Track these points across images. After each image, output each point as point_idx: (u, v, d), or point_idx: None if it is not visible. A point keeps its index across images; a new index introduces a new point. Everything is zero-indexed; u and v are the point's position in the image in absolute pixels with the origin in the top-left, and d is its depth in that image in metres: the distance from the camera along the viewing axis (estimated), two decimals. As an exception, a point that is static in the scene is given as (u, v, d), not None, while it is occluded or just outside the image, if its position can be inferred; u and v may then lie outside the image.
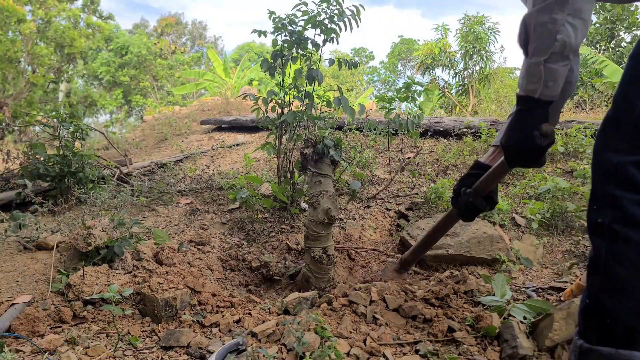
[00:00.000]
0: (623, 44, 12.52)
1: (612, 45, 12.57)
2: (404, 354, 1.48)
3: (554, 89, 1.21)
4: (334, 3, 2.71)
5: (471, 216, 1.62)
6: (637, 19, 12.22)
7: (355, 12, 2.75)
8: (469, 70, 11.63)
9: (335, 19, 2.75)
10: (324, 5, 2.72)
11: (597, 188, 1.08)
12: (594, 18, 12.80)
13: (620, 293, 1.00)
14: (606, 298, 1.01)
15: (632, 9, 12.17)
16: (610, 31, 12.41)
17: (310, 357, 1.35)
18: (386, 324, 1.64)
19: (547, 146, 1.26)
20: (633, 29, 12.37)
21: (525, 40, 1.22)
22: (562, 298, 1.83)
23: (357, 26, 2.81)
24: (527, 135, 1.25)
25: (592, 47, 12.40)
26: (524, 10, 1.54)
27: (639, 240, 0.99)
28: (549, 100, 1.23)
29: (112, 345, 1.51)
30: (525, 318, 1.57)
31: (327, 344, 1.40)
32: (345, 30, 2.79)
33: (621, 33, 12.60)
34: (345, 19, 2.75)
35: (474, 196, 1.55)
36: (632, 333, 0.98)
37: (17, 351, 1.47)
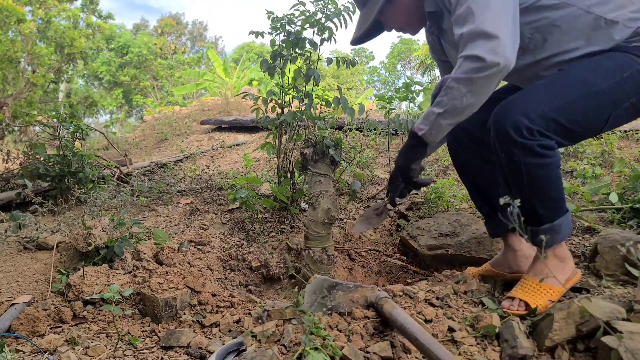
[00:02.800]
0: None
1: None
2: (404, 354, 1.48)
3: (435, 137, 1.56)
4: (329, 2, 2.71)
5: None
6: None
7: (351, 9, 2.74)
8: (469, 70, 11.62)
9: (331, 16, 2.74)
10: (321, 4, 2.72)
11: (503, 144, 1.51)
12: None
13: (541, 194, 1.52)
14: (535, 201, 1.52)
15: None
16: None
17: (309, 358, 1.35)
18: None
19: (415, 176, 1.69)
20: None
21: (436, 92, 1.55)
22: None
23: (352, 22, 2.81)
24: (406, 167, 1.67)
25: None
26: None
27: (550, 162, 1.48)
28: (428, 142, 1.58)
29: (112, 345, 1.51)
30: (525, 318, 1.57)
31: (326, 343, 1.41)
32: (341, 27, 2.78)
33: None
34: (341, 17, 2.74)
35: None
36: (554, 210, 1.55)
37: (17, 351, 1.47)
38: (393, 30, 1.86)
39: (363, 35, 1.84)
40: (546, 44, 1.56)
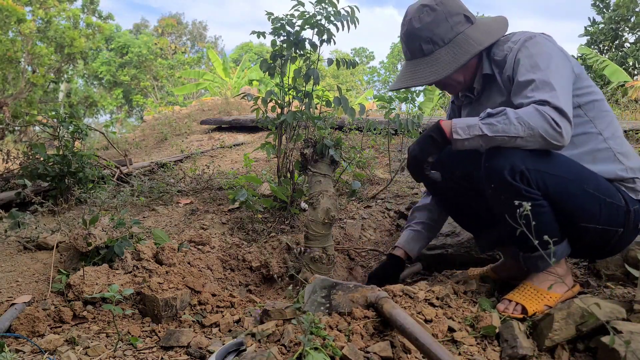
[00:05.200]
0: (626, 44, 12.49)
1: (615, 45, 12.52)
2: (404, 354, 1.48)
3: (463, 147, 1.52)
4: (329, 3, 2.71)
5: None
6: (643, 19, 12.14)
7: (350, 13, 2.74)
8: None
9: (332, 18, 2.74)
10: (320, 6, 2.72)
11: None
12: (598, 18, 12.89)
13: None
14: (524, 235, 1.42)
15: (638, 9, 12.15)
16: (614, 31, 12.34)
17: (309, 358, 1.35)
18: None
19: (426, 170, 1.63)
20: (637, 30, 12.33)
21: (491, 114, 1.48)
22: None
23: (355, 27, 2.81)
24: (422, 159, 1.60)
25: (595, 47, 12.33)
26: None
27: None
28: (450, 146, 1.55)
29: (112, 345, 1.51)
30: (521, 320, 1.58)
31: (326, 343, 1.40)
32: (342, 29, 2.78)
33: (625, 34, 12.55)
34: (342, 20, 2.74)
35: None
36: (545, 242, 1.33)
37: (17, 351, 1.47)
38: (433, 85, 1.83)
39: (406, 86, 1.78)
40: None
